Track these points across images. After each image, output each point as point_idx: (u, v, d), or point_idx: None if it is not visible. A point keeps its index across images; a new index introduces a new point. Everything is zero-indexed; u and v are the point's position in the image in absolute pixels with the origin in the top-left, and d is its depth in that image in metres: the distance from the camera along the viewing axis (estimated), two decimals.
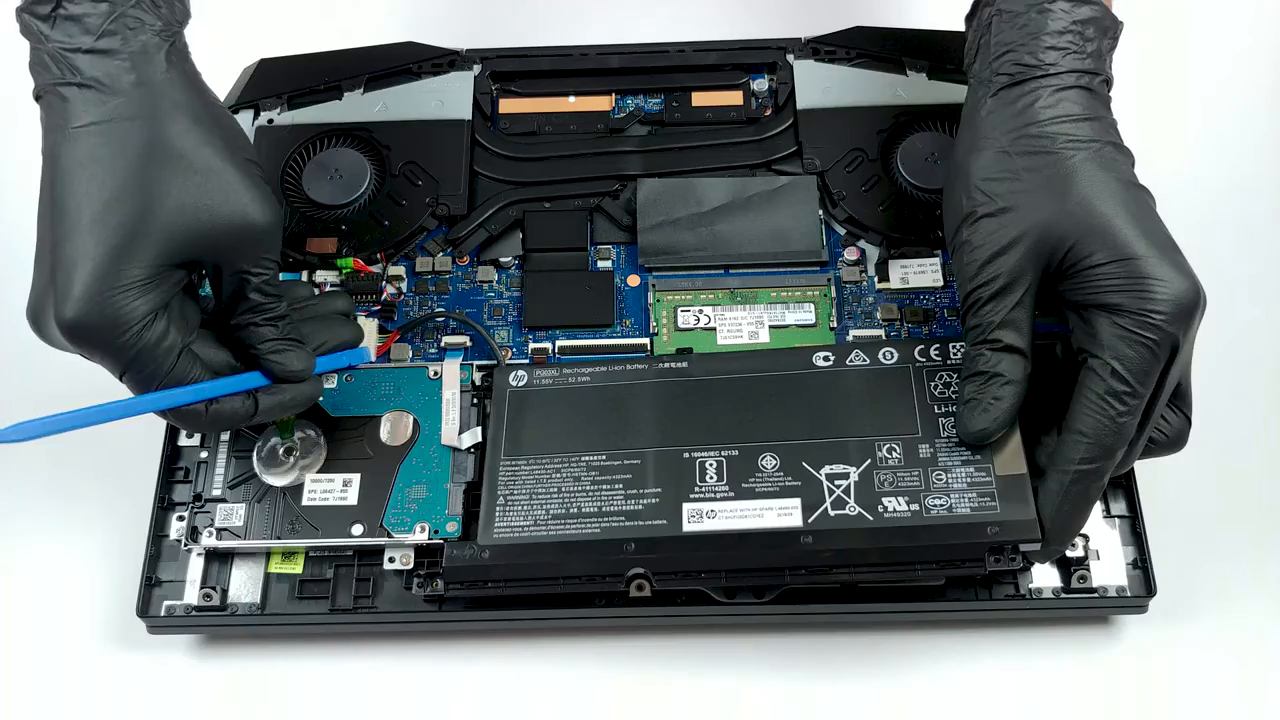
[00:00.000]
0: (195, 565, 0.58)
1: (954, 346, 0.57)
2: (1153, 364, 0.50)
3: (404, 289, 0.64)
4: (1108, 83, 0.55)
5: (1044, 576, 0.57)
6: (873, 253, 0.64)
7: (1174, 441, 0.54)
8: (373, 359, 0.60)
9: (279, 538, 0.57)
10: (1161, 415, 0.53)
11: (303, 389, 0.55)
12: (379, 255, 0.64)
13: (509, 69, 0.70)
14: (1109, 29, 0.54)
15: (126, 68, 0.50)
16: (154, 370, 0.51)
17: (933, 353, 0.58)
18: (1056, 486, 0.52)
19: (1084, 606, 0.57)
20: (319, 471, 0.58)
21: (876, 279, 0.63)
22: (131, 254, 0.50)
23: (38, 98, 0.52)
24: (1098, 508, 0.58)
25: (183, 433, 0.60)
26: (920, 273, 0.63)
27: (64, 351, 0.52)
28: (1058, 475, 0.52)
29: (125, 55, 0.51)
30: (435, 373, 0.60)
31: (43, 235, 0.52)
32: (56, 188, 0.51)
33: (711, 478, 0.56)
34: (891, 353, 0.58)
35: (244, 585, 0.58)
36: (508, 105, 0.69)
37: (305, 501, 0.58)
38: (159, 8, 0.51)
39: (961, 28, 0.59)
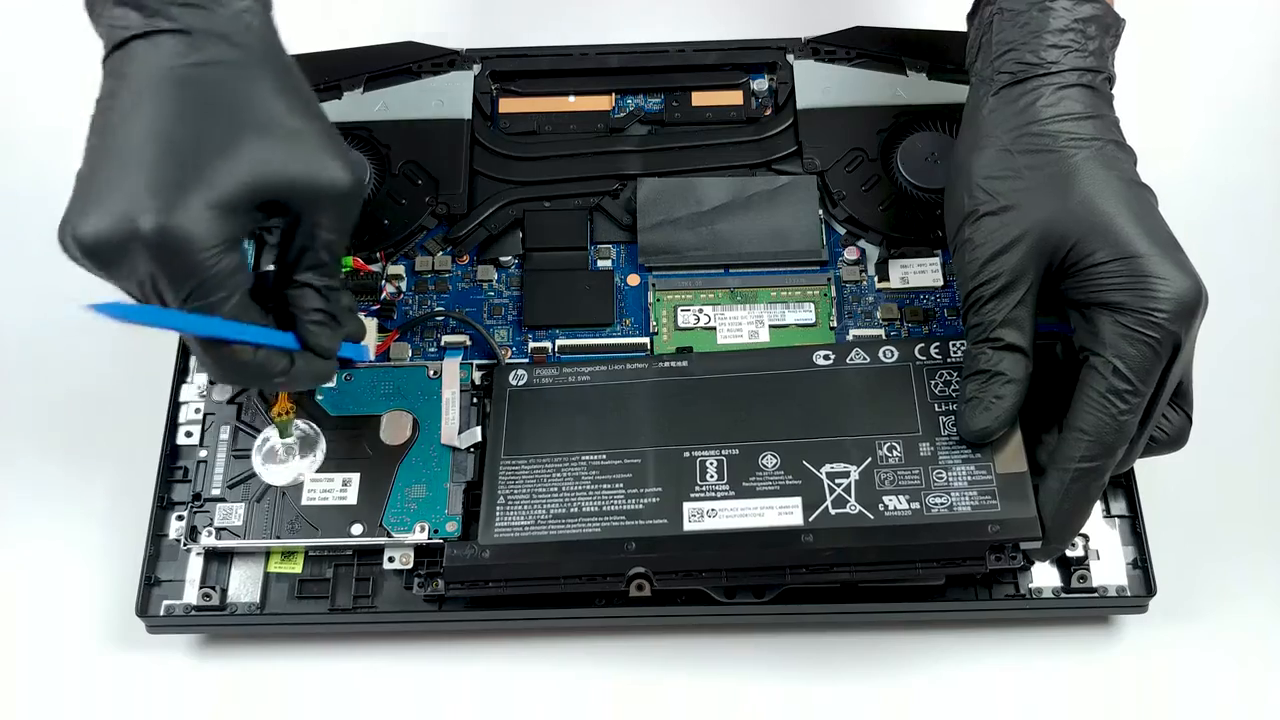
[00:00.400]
0: (195, 565, 0.58)
1: (954, 345, 0.57)
2: (1154, 362, 0.50)
3: (403, 288, 0.64)
4: (1110, 81, 0.55)
5: (1044, 576, 0.57)
6: (873, 252, 0.64)
7: (1175, 440, 0.54)
8: (372, 358, 0.60)
9: (278, 537, 0.57)
10: (1162, 414, 0.53)
11: (325, 367, 0.54)
12: (379, 254, 0.64)
13: (509, 69, 0.70)
14: (1111, 27, 0.54)
15: (226, 19, 0.50)
16: (224, 298, 0.48)
17: (933, 351, 0.58)
18: (1057, 485, 0.52)
19: (1084, 606, 0.57)
20: (318, 471, 0.58)
21: (876, 278, 0.63)
22: (221, 175, 0.48)
23: (115, 48, 0.50)
24: (1098, 507, 0.58)
25: (181, 431, 0.60)
26: (920, 272, 0.63)
27: (104, 275, 0.49)
28: (1058, 473, 0.52)
29: (225, 13, 0.50)
30: (435, 372, 0.60)
31: (110, 156, 0.48)
32: (141, 115, 0.48)
33: (712, 477, 0.55)
34: (892, 351, 0.58)
35: (243, 585, 0.58)
36: (508, 105, 0.69)
37: (305, 501, 0.58)
38: None
39: (962, 27, 0.59)
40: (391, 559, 0.57)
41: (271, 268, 0.53)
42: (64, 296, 0.67)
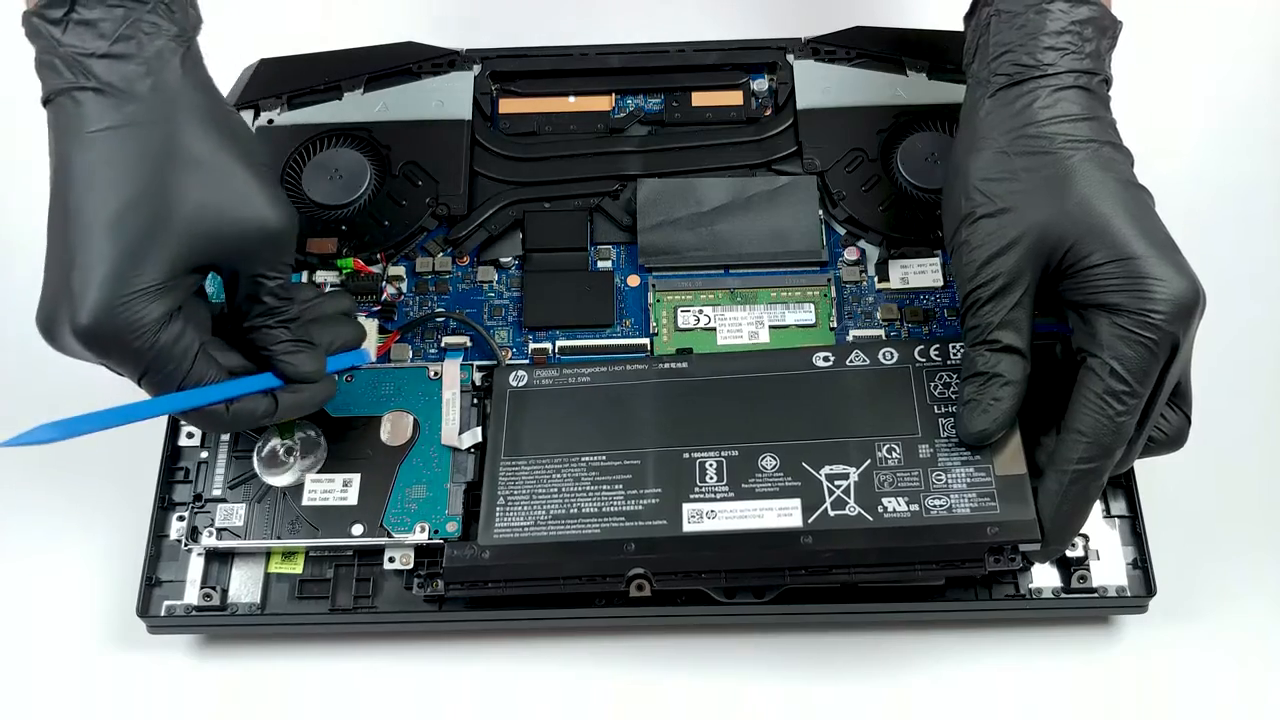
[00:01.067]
0: (195, 565, 0.58)
1: (954, 347, 0.57)
2: (1152, 363, 0.50)
3: (404, 289, 0.64)
4: (1107, 82, 0.55)
5: (1044, 576, 0.57)
6: (873, 253, 0.64)
7: (1174, 440, 0.54)
8: (373, 359, 0.60)
9: (279, 538, 0.57)
10: (1161, 414, 0.53)
11: (318, 389, 0.55)
12: (379, 255, 0.64)
13: (509, 69, 0.70)
14: (1108, 29, 0.54)
15: (142, 73, 0.50)
16: (173, 371, 0.51)
17: (933, 353, 0.58)
18: (1056, 486, 0.52)
19: (1084, 606, 0.57)
20: (319, 471, 0.58)
21: (876, 279, 0.63)
22: (147, 258, 0.50)
23: (46, 102, 0.51)
24: (1097, 508, 0.58)
25: (183, 432, 0.60)
26: (920, 273, 0.63)
27: (78, 359, 0.51)
28: (1057, 475, 0.52)
29: (141, 60, 0.50)
30: (435, 373, 0.60)
31: (54, 241, 0.51)
32: (70, 193, 0.50)
33: (711, 478, 0.56)
34: (891, 353, 0.58)
35: (244, 585, 0.58)
36: (508, 105, 0.69)
37: (305, 501, 0.58)
38: (173, 14, 0.51)
39: (961, 27, 0.59)
40: (392, 559, 0.57)
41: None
42: None
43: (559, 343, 0.62)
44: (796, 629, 0.59)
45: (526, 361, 0.61)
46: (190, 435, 0.60)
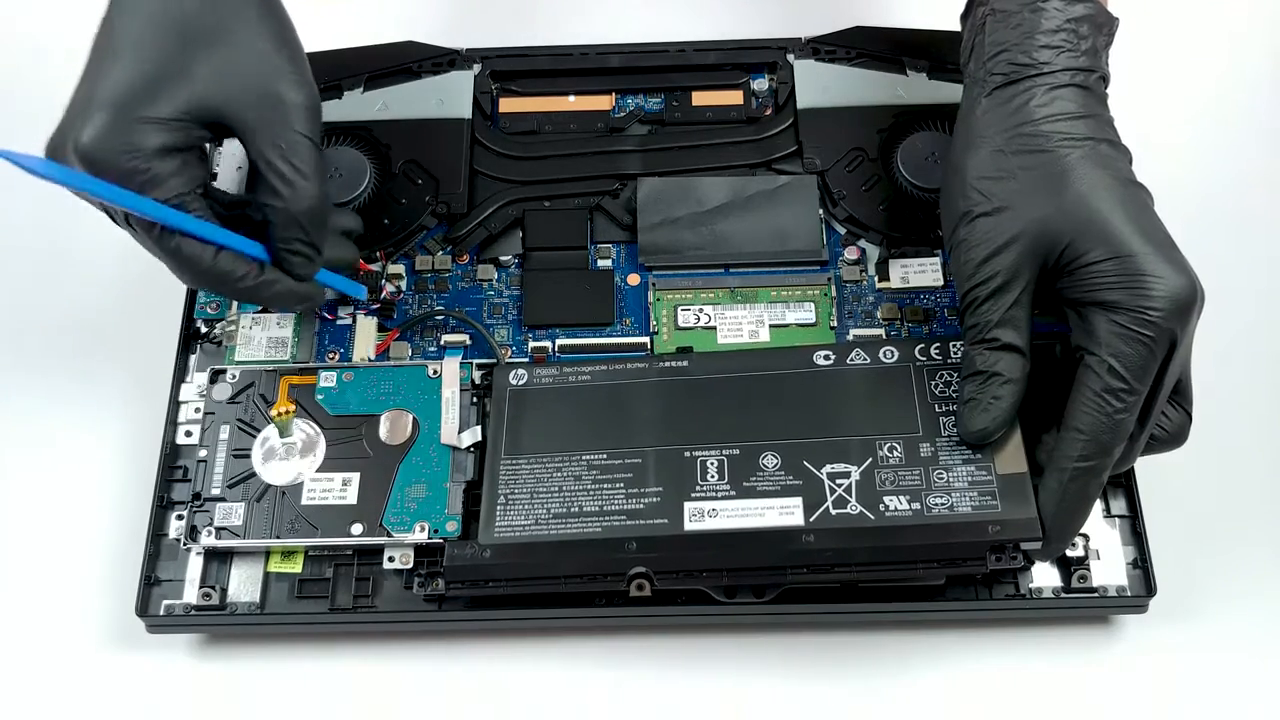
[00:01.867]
0: (194, 564, 0.58)
1: (954, 345, 0.57)
2: (1150, 361, 0.50)
3: (404, 287, 0.64)
4: (1104, 80, 0.55)
5: (1044, 576, 0.57)
6: (873, 252, 0.64)
7: (1174, 438, 0.54)
8: (365, 299, 0.61)
9: (278, 537, 0.57)
10: (1162, 412, 0.53)
11: (303, 289, 0.55)
12: (379, 254, 0.64)
13: (509, 68, 0.70)
14: (1104, 26, 0.54)
15: None
16: (163, 199, 0.51)
17: (933, 351, 0.58)
18: (1056, 484, 0.52)
19: (1084, 606, 0.57)
20: (318, 470, 0.58)
21: (877, 278, 0.63)
22: (161, 93, 0.51)
23: None
24: (1098, 507, 0.58)
25: (181, 430, 0.60)
26: (920, 272, 0.63)
27: (76, 193, 0.52)
28: (1056, 473, 0.52)
29: None
30: (435, 371, 0.60)
31: (84, 72, 0.52)
32: (109, 24, 0.52)
33: (712, 477, 0.55)
34: (892, 351, 0.58)
35: (243, 584, 0.58)
36: (508, 104, 0.69)
37: (304, 501, 0.58)
38: None
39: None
40: (391, 559, 0.57)
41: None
42: (63, 295, 0.68)
43: (559, 341, 0.62)
44: (797, 629, 0.59)
45: (526, 360, 0.61)
46: (189, 434, 0.60)
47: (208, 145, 0.55)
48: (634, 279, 0.64)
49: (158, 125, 0.51)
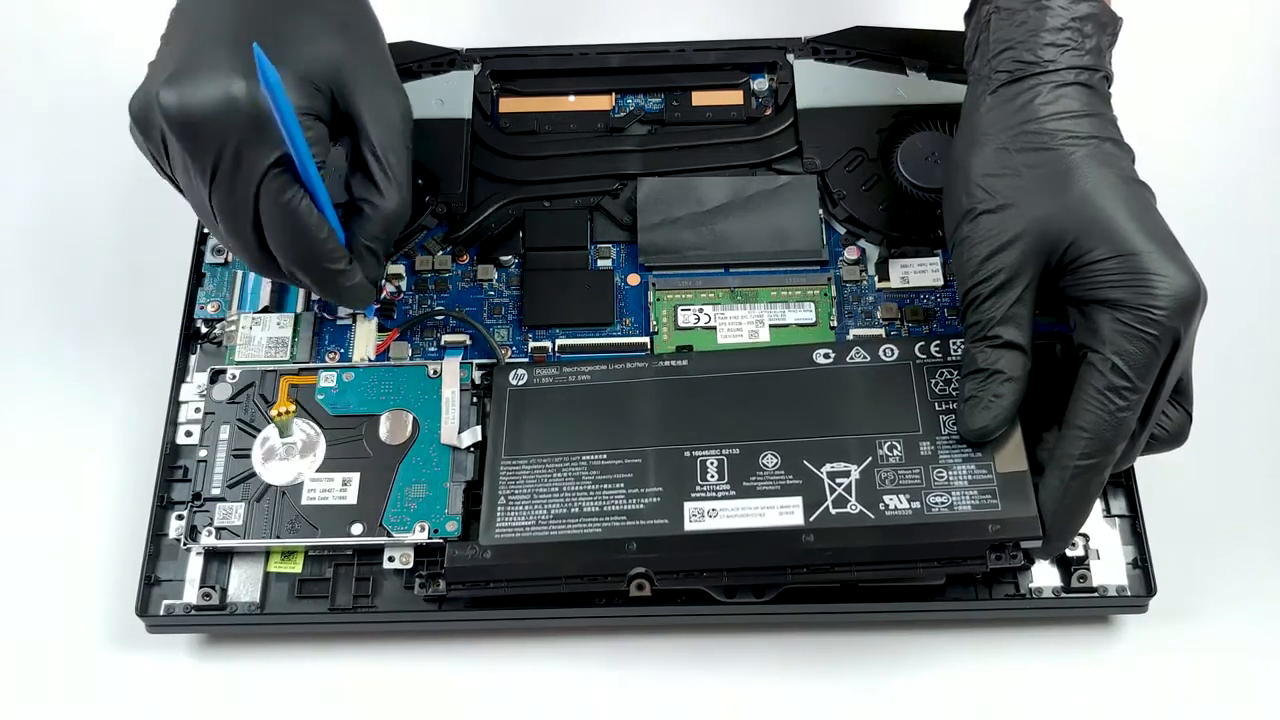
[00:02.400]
0: (194, 564, 0.58)
1: (954, 343, 0.57)
2: (1153, 359, 0.50)
3: (404, 287, 0.64)
4: (1108, 79, 0.55)
5: (1044, 576, 0.57)
6: (873, 252, 0.64)
7: (1175, 437, 0.54)
8: (372, 356, 0.61)
9: (278, 537, 0.57)
10: (1163, 411, 0.53)
11: (368, 287, 0.57)
12: None
13: (509, 68, 0.70)
14: (1108, 25, 0.54)
15: None
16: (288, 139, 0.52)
17: (933, 349, 0.58)
18: (1057, 483, 0.52)
19: (1084, 606, 0.57)
20: (318, 470, 0.58)
21: (877, 278, 0.63)
22: (303, 59, 0.53)
23: None
24: (1098, 507, 0.58)
25: (181, 430, 0.60)
26: (920, 272, 0.63)
27: (150, 150, 0.53)
28: (1058, 471, 0.52)
29: None
30: (435, 371, 0.60)
31: (186, 35, 0.53)
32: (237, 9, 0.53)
33: (712, 476, 0.55)
34: (892, 350, 0.58)
35: (243, 584, 0.58)
36: (508, 104, 0.69)
37: (304, 500, 0.57)
38: None
39: (962, 27, 0.59)
40: (391, 559, 0.57)
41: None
42: (62, 296, 0.68)
43: (559, 341, 0.62)
44: (797, 628, 0.59)
45: (526, 360, 0.61)
46: (189, 434, 0.60)
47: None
48: (634, 279, 0.64)
49: (301, 82, 0.53)
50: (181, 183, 0.54)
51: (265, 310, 0.62)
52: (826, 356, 0.58)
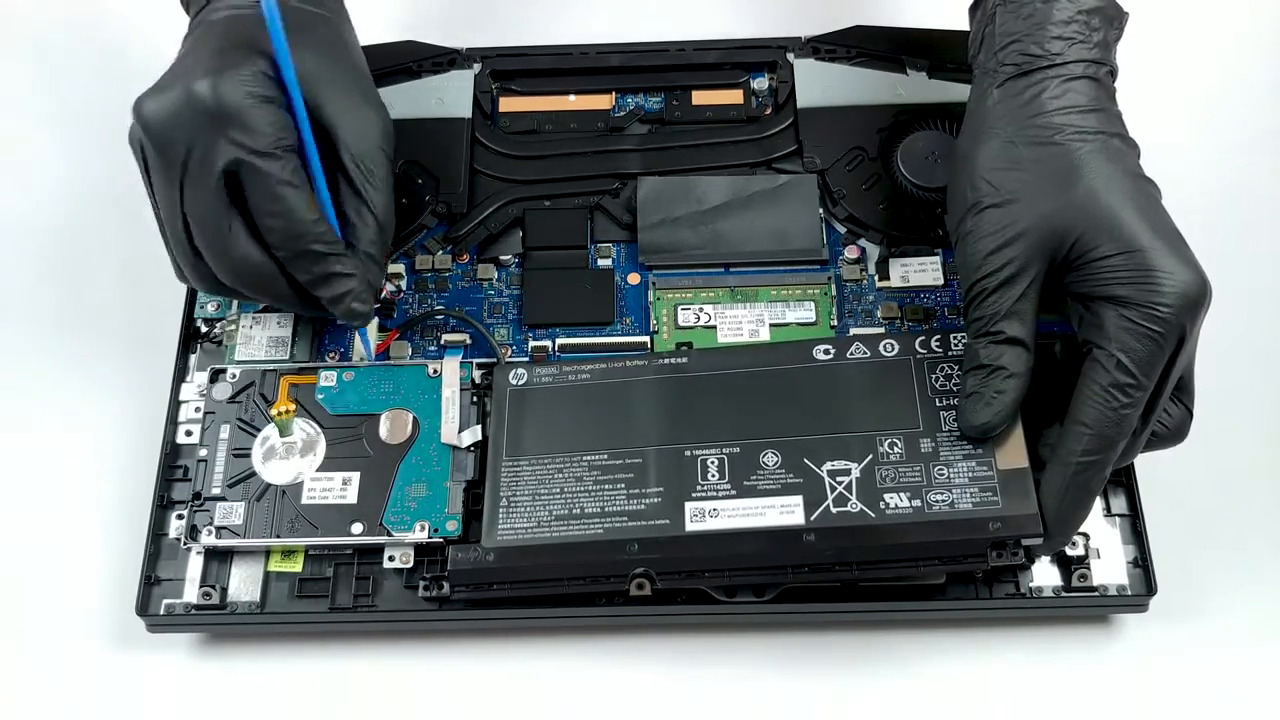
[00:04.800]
0: (195, 563, 0.58)
1: (955, 338, 0.57)
2: (1158, 356, 0.50)
3: (404, 287, 0.64)
4: (1113, 73, 0.55)
5: (1044, 575, 0.57)
6: (873, 251, 0.64)
7: (1175, 434, 0.54)
8: (372, 356, 0.60)
9: (278, 536, 0.57)
10: (1163, 408, 0.53)
11: (367, 290, 0.57)
12: None
13: (509, 68, 0.70)
14: (1114, 19, 0.54)
15: None
16: (271, 125, 0.53)
17: (933, 344, 0.57)
18: (1058, 479, 0.52)
19: (1084, 605, 0.57)
20: (318, 470, 0.58)
21: (877, 277, 0.63)
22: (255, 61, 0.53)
23: None
24: (1098, 506, 0.58)
25: (181, 430, 0.60)
26: (921, 271, 0.63)
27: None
28: (1060, 467, 0.51)
29: None
30: (435, 371, 0.60)
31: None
32: (215, 28, 0.55)
33: (713, 476, 0.55)
34: (892, 345, 0.58)
35: (243, 584, 0.58)
36: (508, 104, 0.69)
37: (305, 500, 0.57)
38: None
39: (962, 26, 0.59)
40: (392, 558, 0.57)
41: None
42: (63, 296, 0.68)
43: (559, 340, 0.62)
44: (797, 628, 0.59)
45: (526, 359, 0.61)
46: (189, 433, 0.60)
47: None
48: (634, 278, 0.64)
49: (267, 78, 0.53)
50: (159, 197, 0.55)
51: (266, 310, 0.62)
52: (827, 352, 0.58)
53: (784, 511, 0.54)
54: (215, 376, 0.60)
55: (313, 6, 0.58)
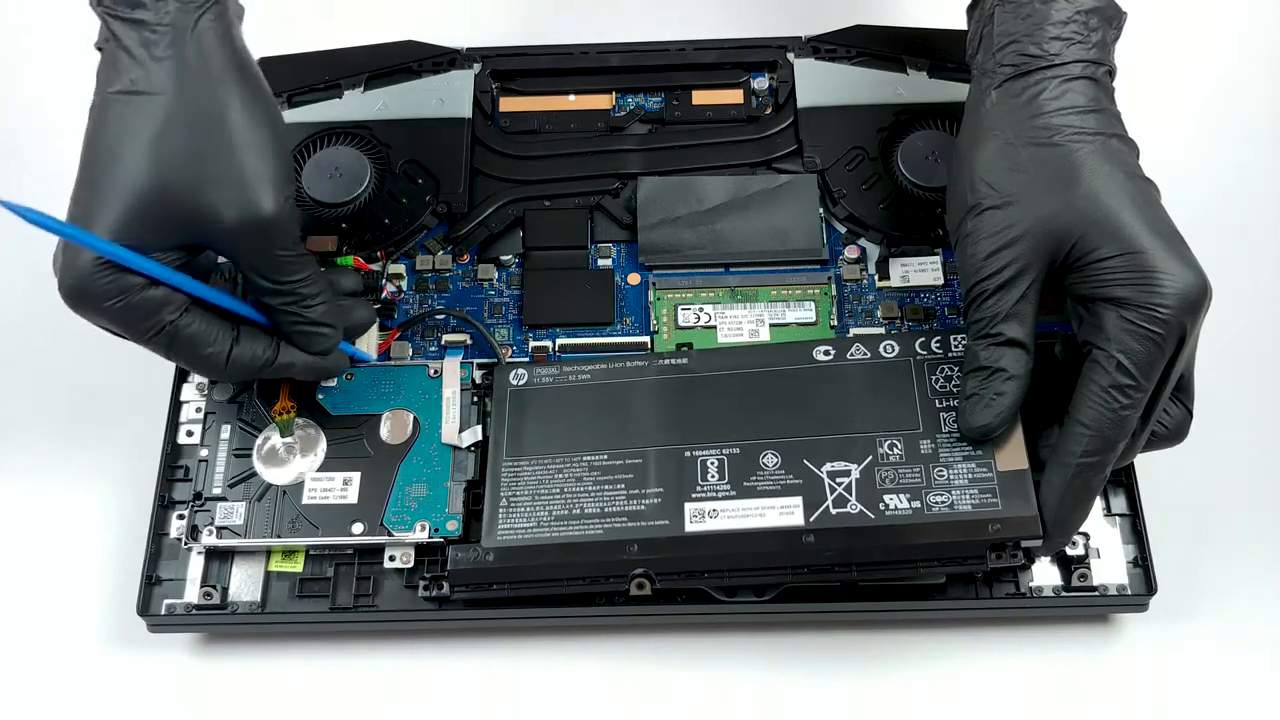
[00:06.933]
0: (195, 564, 0.58)
1: (955, 339, 0.57)
2: (1158, 357, 0.50)
3: (404, 287, 0.64)
4: (1111, 73, 0.55)
5: (1044, 575, 0.57)
6: (873, 251, 0.64)
7: (1175, 434, 0.54)
8: (373, 358, 0.60)
9: (279, 536, 0.57)
10: (1163, 408, 0.53)
11: (324, 362, 0.56)
12: (379, 253, 0.64)
13: (509, 67, 0.70)
14: (1113, 19, 0.54)
15: (158, 39, 0.51)
16: (157, 320, 0.52)
17: (934, 345, 0.57)
18: (1058, 479, 0.52)
19: (1084, 605, 0.57)
20: (319, 470, 0.58)
21: (877, 277, 0.63)
22: (129, 233, 0.50)
23: (98, 49, 0.53)
24: (1098, 506, 0.58)
25: (182, 430, 0.60)
26: (921, 271, 0.63)
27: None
28: (1059, 468, 0.51)
29: (160, 27, 0.51)
30: (435, 371, 0.60)
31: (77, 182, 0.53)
32: (84, 151, 0.52)
33: (713, 477, 0.55)
34: (892, 346, 0.58)
35: (244, 584, 0.58)
36: (508, 103, 0.69)
37: (305, 500, 0.58)
38: None
39: (962, 25, 0.59)
40: (392, 558, 0.57)
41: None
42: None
43: (559, 341, 0.62)
44: (797, 627, 0.59)
45: (526, 359, 0.61)
46: (190, 433, 0.60)
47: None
48: (634, 278, 0.64)
49: (138, 222, 0.51)
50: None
51: None
52: (827, 353, 0.58)
53: (784, 512, 0.54)
54: None
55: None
